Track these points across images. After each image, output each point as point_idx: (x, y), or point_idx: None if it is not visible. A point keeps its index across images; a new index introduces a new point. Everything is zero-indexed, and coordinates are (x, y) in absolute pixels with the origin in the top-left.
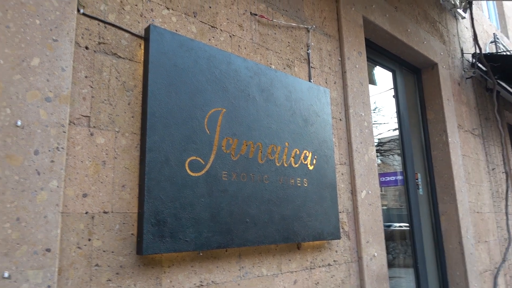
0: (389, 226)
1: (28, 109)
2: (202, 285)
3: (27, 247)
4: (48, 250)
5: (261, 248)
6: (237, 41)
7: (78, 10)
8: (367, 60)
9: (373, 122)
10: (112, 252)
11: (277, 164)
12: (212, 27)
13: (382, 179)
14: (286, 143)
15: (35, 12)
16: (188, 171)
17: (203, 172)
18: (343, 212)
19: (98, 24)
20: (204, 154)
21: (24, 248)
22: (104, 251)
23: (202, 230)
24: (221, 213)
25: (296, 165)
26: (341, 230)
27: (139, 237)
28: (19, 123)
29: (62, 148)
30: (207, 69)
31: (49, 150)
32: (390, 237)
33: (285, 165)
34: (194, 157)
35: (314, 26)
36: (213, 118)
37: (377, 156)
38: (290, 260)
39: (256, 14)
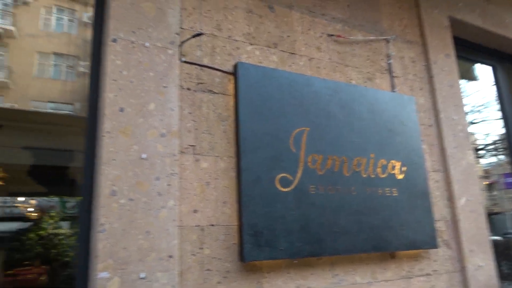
0: (506, 234)
1: (149, 144)
2: None
3: (155, 254)
4: (171, 256)
5: (352, 257)
6: (316, 63)
7: (180, 59)
8: (461, 59)
9: (479, 121)
10: (219, 259)
11: (363, 176)
12: (291, 54)
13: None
14: (372, 155)
15: (149, 66)
16: (278, 187)
17: (292, 187)
18: (440, 220)
19: (196, 68)
20: (292, 171)
21: (153, 255)
22: (213, 258)
23: (294, 240)
24: (311, 224)
25: (384, 175)
26: (439, 239)
27: (240, 246)
28: (144, 156)
29: (176, 173)
30: (289, 93)
31: (166, 176)
32: (508, 247)
33: (372, 176)
34: (283, 174)
35: (394, 36)
36: (298, 137)
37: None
38: (384, 269)
39: (333, 35)
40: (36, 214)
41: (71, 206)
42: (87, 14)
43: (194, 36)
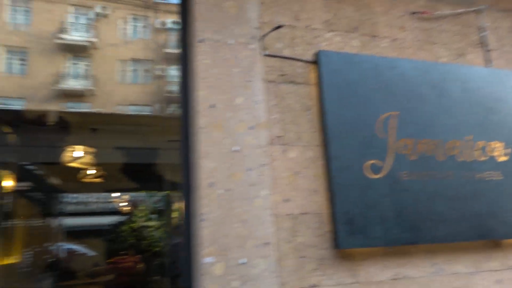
0: None
1: (240, 137)
2: (396, 279)
3: (253, 241)
4: (267, 244)
5: (452, 245)
6: (400, 43)
7: (262, 53)
8: None
9: None
10: (314, 246)
11: (459, 160)
12: (373, 36)
13: None
14: (468, 137)
15: (234, 63)
16: (369, 174)
17: (383, 173)
18: None
19: (277, 60)
20: (381, 157)
21: (251, 242)
22: (307, 245)
23: (388, 227)
24: (405, 211)
25: (483, 158)
26: None
27: (334, 234)
28: (236, 148)
29: (266, 164)
30: (373, 77)
31: (258, 167)
32: None
33: (469, 160)
34: (372, 161)
35: (486, 6)
36: (386, 122)
37: None
38: (489, 258)
39: (416, 12)
40: (128, 209)
41: (158, 200)
42: (158, 20)
43: (274, 29)
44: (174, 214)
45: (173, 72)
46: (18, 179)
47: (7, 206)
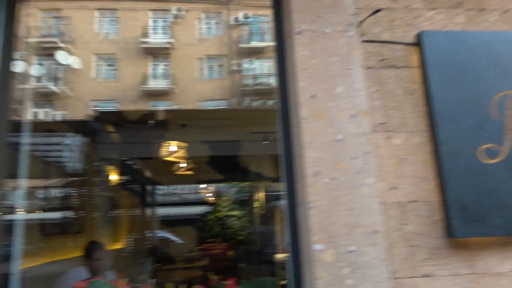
0: None
1: (342, 126)
2: None
3: (361, 229)
4: (376, 232)
5: None
6: None
7: (360, 39)
8: None
9: None
10: (425, 235)
11: None
12: (480, 10)
13: None
14: None
15: (332, 51)
16: (483, 159)
17: (500, 158)
18: None
19: (376, 45)
20: (497, 140)
21: (359, 229)
22: (417, 234)
23: (509, 216)
24: None
25: None
26: None
27: (447, 222)
28: (339, 137)
29: (370, 152)
30: (483, 55)
31: (362, 155)
32: None
33: None
34: (487, 145)
35: None
36: (501, 102)
37: None
38: None
39: None
40: (214, 199)
41: (239, 191)
42: (233, 16)
43: (372, 14)
44: (256, 204)
45: (247, 65)
46: (120, 173)
47: (113, 198)
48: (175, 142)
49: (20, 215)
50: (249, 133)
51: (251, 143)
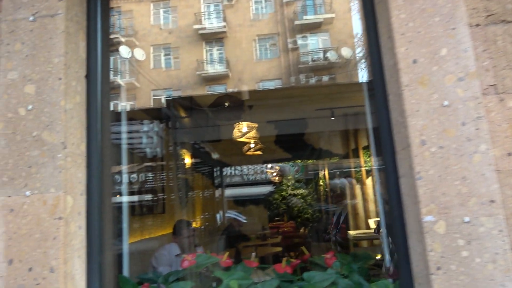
0: None
1: (449, 91)
2: None
3: (475, 199)
4: (492, 201)
5: None
6: None
7: None
8: None
9: None
10: None
11: None
12: None
13: None
14: None
15: (432, 12)
16: None
17: None
18: None
19: (482, 0)
20: None
21: (473, 199)
22: None
23: None
24: None
25: None
26: None
27: None
28: (445, 103)
29: (482, 116)
30: None
31: (472, 120)
32: None
33: None
34: None
35: None
36: None
37: None
38: None
39: None
40: (279, 178)
41: (301, 169)
42: None
43: None
44: (322, 182)
45: (303, 42)
46: (193, 157)
47: (187, 180)
48: (246, 123)
49: (120, 198)
50: (315, 110)
51: (317, 120)
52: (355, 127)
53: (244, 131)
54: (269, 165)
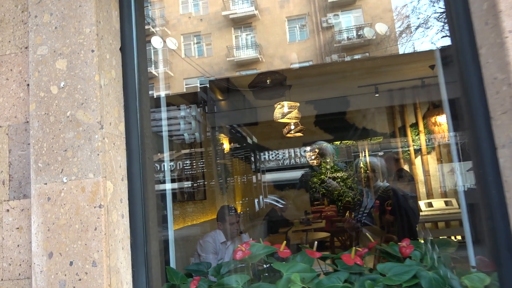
0: None
1: None
2: None
3: None
4: None
5: None
6: None
7: None
8: None
9: None
10: None
11: None
12: None
13: None
14: None
15: None
16: None
17: None
18: None
19: None
20: None
21: None
22: None
23: None
24: None
25: None
26: None
27: None
28: None
29: None
30: None
31: None
32: None
33: None
34: None
35: None
36: None
37: None
38: None
39: None
40: (318, 161)
41: (341, 151)
42: None
43: None
44: (362, 164)
45: (335, 20)
46: (231, 141)
47: (226, 165)
48: (287, 102)
49: (162, 185)
50: (358, 87)
51: (359, 97)
52: (402, 103)
53: (285, 111)
54: (308, 148)
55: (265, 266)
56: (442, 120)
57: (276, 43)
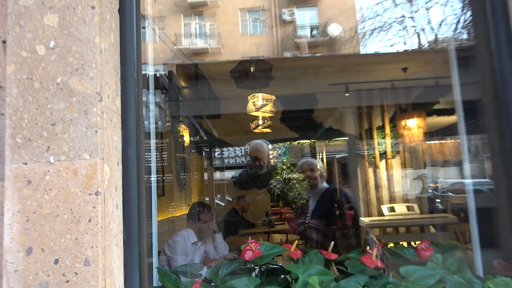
0: None
1: None
2: None
3: None
4: None
5: None
6: None
7: None
8: None
9: None
10: None
11: None
12: None
13: None
14: None
15: None
16: None
17: None
18: None
19: None
20: None
21: None
22: None
23: None
24: None
25: None
26: None
27: None
28: None
29: None
30: None
31: None
32: None
33: None
34: None
35: None
36: None
37: None
38: None
39: None
40: (272, 161)
41: (288, 150)
42: None
43: None
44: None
45: (301, 14)
46: (193, 134)
47: (186, 160)
48: (262, 94)
49: None
50: (328, 85)
51: (330, 96)
52: (370, 104)
53: (259, 104)
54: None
55: (263, 267)
56: (411, 124)
57: (234, 34)
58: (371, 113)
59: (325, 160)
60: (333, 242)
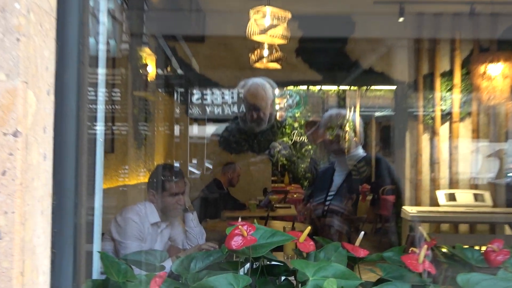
0: None
1: None
2: None
3: None
4: None
5: None
6: None
7: None
8: None
9: None
10: None
11: None
12: None
13: None
14: None
15: None
16: None
17: None
18: None
19: None
20: None
21: None
22: None
23: None
24: None
25: None
26: None
27: None
28: None
29: None
30: None
31: None
32: None
33: None
34: None
35: None
36: None
37: None
38: None
39: None
40: (282, 115)
41: (304, 100)
42: None
43: None
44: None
45: None
46: (158, 63)
47: (149, 103)
48: (271, 8)
49: None
50: (373, 3)
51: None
52: (434, 36)
53: (267, 24)
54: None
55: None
56: (494, 72)
57: None
58: (435, 50)
59: (358, 119)
60: (363, 232)
